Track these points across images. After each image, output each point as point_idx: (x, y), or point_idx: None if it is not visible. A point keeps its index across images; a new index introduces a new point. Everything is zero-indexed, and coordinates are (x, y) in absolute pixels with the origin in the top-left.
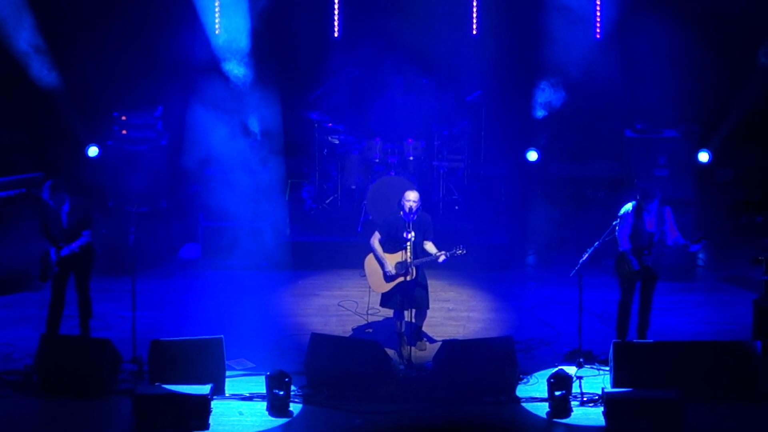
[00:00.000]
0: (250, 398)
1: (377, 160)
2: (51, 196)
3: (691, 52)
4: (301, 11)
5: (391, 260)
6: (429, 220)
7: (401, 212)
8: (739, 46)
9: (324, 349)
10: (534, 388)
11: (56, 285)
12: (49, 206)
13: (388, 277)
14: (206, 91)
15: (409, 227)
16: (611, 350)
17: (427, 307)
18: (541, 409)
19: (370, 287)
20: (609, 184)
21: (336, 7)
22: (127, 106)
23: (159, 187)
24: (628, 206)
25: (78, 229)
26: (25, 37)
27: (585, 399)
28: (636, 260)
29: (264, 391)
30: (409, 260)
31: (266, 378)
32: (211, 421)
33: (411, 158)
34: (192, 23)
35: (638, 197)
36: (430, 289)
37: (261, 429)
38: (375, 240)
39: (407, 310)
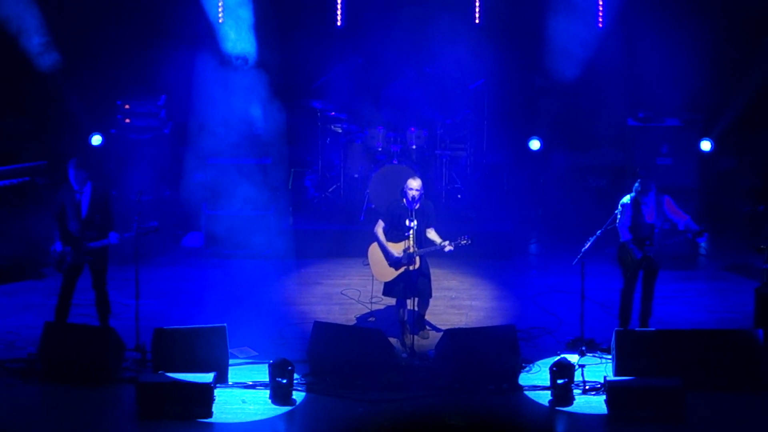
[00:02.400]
0: (253, 386)
1: (380, 149)
2: (75, 175)
3: (694, 40)
4: (304, 0)
5: (395, 249)
6: (431, 208)
7: (404, 200)
8: (742, 34)
9: (327, 337)
10: (536, 377)
11: (68, 276)
12: (69, 194)
13: (392, 265)
14: (209, 80)
15: (411, 215)
16: (613, 338)
17: (430, 296)
18: (544, 398)
19: (373, 276)
20: (611, 173)
21: None
22: (130, 94)
23: (162, 176)
24: (626, 198)
25: (95, 220)
26: (29, 26)
27: (587, 387)
28: (637, 249)
29: (267, 379)
30: (413, 250)
31: (269, 366)
32: (214, 409)
33: (414, 147)
34: (195, 12)
35: (635, 190)
36: (432, 278)
37: (264, 417)
38: (379, 228)
39: (410, 298)
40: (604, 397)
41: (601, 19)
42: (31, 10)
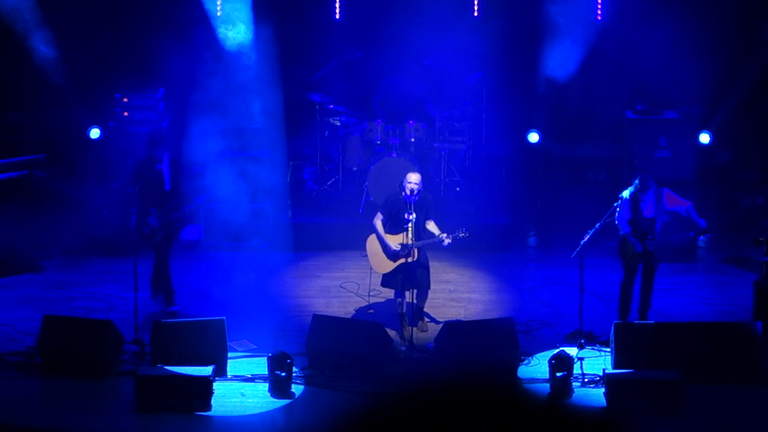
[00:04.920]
0: (252, 380)
1: (379, 142)
2: (154, 148)
3: (692, 33)
4: None
5: (393, 241)
6: (430, 199)
7: (403, 194)
8: (740, 26)
9: (326, 330)
10: (535, 369)
11: (159, 248)
12: (149, 167)
13: (390, 257)
14: (208, 72)
15: (410, 208)
16: (612, 331)
17: (428, 288)
18: (543, 390)
19: (371, 268)
20: (610, 166)
21: None
22: (128, 87)
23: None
24: (626, 193)
25: (176, 190)
26: (27, 19)
27: (586, 380)
28: (638, 242)
29: (266, 372)
30: (410, 242)
31: (268, 359)
32: (213, 402)
33: (412, 140)
34: (194, 4)
35: (635, 186)
36: (431, 271)
37: (263, 410)
38: (377, 221)
39: (408, 290)
40: (603, 389)
41: (599, 12)
42: (29, 2)
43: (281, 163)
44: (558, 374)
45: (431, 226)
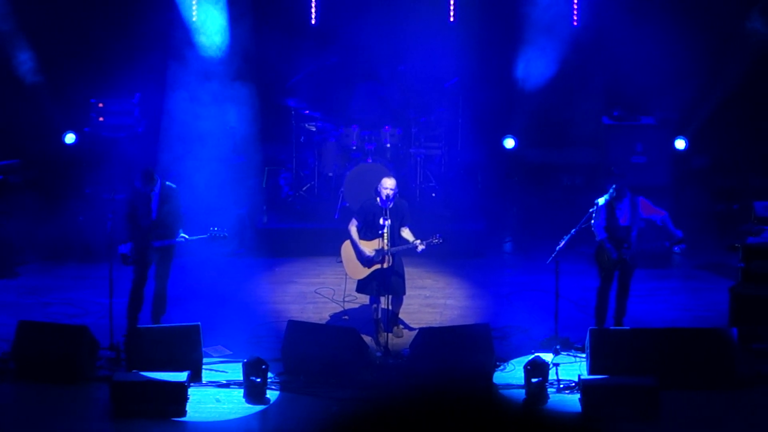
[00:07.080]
0: (227, 385)
1: (354, 148)
2: (143, 185)
3: (669, 39)
4: None
5: (368, 247)
6: (406, 206)
7: (378, 199)
8: (716, 33)
9: (301, 336)
10: (511, 375)
11: (137, 272)
12: (140, 194)
13: (364, 263)
14: (183, 78)
15: (385, 214)
16: (588, 337)
17: (404, 293)
18: (518, 396)
19: (346, 274)
20: (586, 171)
21: None
22: (104, 92)
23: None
24: (601, 200)
25: (165, 219)
26: (1, 24)
27: (561, 386)
28: (614, 249)
29: (241, 378)
30: (386, 248)
31: (243, 365)
32: (188, 408)
33: (388, 145)
34: (169, 10)
35: (610, 194)
36: (406, 277)
37: (238, 416)
38: (352, 227)
39: (383, 296)
40: (578, 395)
41: (576, 18)
42: (4, 8)
43: (257, 168)
44: (533, 380)
45: (406, 233)
